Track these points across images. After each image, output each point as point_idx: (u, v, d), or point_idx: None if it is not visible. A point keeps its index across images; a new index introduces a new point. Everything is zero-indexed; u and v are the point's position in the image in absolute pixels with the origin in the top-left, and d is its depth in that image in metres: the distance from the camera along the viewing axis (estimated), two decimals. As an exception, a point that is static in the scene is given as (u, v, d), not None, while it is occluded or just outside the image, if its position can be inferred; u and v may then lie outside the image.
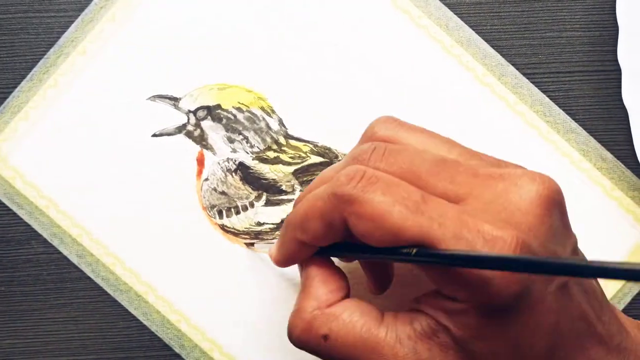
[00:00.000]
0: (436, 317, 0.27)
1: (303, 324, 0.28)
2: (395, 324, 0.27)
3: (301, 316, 0.28)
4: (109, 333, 0.38)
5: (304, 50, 0.38)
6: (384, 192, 0.26)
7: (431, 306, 0.27)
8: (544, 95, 0.38)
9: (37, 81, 0.38)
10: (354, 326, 0.27)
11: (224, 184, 0.38)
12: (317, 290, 0.29)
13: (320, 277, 0.29)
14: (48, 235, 0.38)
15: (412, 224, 0.25)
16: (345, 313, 0.28)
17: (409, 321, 0.27)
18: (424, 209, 0.25)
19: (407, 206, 0.25)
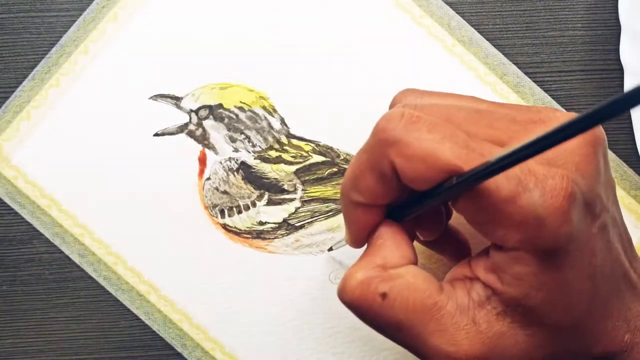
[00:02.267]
0: (488, 281, 0.26)
1: (362, 277, 0.26)
2: (455, 294, 0.26)
3: (361, 270, 0.26)
4: (111, 332, 0.38)
5: (305, 50, 0.38)
6: (429, 130, 0.25)
7: (484, 269, 0.26)
8: (546, 94, 0.38)
9: (39, 81, 0.38)
10: (416, 289, 0.26)
11: (226, 184, 0.38)
12: (387, 250, 0.27)
13: (392, 240, 0.27)
14: (50, 234, 0.38)
15: (465, 160, 0.24)
16: (409, 275, 0.26)
17: (467, 291, 0.26)
18: (473, 145, 0.24)
19: (457, 142, 0.24)
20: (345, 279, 0.27)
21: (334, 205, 0.38)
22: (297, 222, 0.38)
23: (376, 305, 0.26)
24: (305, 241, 0.38)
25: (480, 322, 0.26)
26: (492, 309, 0.26)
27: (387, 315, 0.26)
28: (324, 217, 0.38)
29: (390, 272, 0.26)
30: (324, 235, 0.38)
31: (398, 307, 0.26)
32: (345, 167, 0.38)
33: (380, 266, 0.27)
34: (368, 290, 0.26)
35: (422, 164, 0.24)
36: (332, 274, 0.38)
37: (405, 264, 0.27)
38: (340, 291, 0.27)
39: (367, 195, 0.27)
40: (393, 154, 0.25)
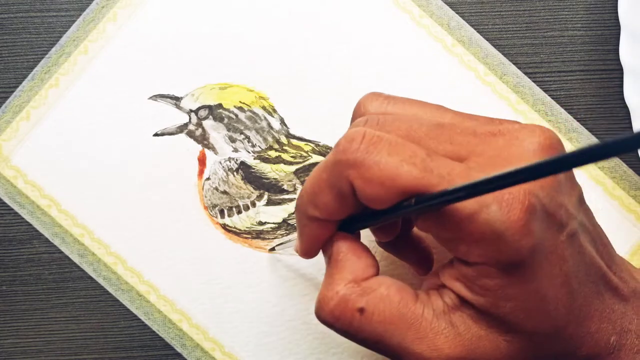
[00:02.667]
0: (456, 289, 0.26)
1: (338, 296, 0.27)
2: (430, 300, 0.27)
3: (335, 288, 0.27)
4: (111, 332, 0.38)
5: (305, 50, 0.38)
6: (389, 152, 0.25)
7: (450, 278, 0.26)
8: (545, 94, 0.38)
9: (38, 81, 0.38)
10: (391, 301, 0.26)
11: (226, 184, 0.38)
12: (352, 264, 0.27)
13: (353, 252, 0.28)
14: (49, 234, 0.38)
15: (422, 183, 0.24)
16: (382, 287, 0.27)
17: (440, 296, 0.27)
18: (432, 166, 0.25)
19: (415, 164, 0.25)
20: (320, 300, 0.27)
21: (334, 206, 0.38)
22: (296, 222, 0.38)
23: (355, 321, 0.26)
24: (304, 241, 0.38)
25: (458, 325, 0.26)
26: (466, 310, 0.26)
27: (367, 330, 0.26)
28: (324, 217, 0.38)
29: (363, 285, 0.27)
30: (323, 236, 0.38)
31: (376, 320, 0.26)
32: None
33: (352, 281, 0.27)
34: (346, 307, 0.26)
35: (380, 186, 0.25)
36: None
37: (373, 274, 0.27)
38: (318, 311, 0.27)
39: (323, 211, 0.27)
40: (352, 175, 0.25)
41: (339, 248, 0.28)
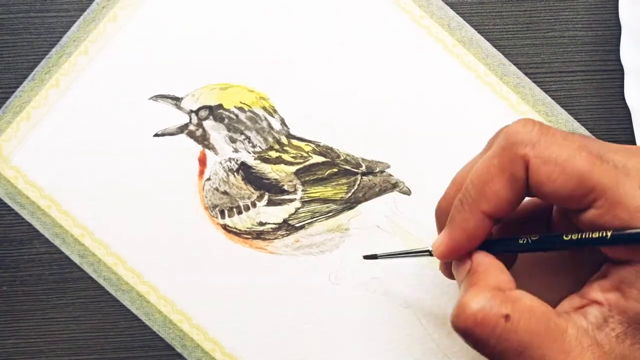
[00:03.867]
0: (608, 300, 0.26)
1: (482, 301, 0.26)
2: (572, 318, 0.26)
3: (479, 294, 0.26)
4: (111, 333, 0.38)
5: (305, 50, 0.38)
6: (564, 137, 0.25)
7: (602, 290, 0.26)
8: (546, 94, 0.38)
9: (39, 81, 0.38)
10: (537, 311, 0.26)
11: (226, 184, 0.38)
12: (495, 275, 0.27)
13: (495, 266, 0.28)
14: (50, 235, 0.38)
15: (600, 170, 0.24)
16: (526, 298, 0.26)
17: (583, 314, 0.26)
18: (607, 158, 0.25)
19: (591, 153, 0.25)
20: (462, 305, 0.26)
21: (334, 206, 0.38)
22: (297, 222, 0.38)
23: (499, 328, 0.25)
24: (305, 242, 0.38)
25: (603, 344, 0.25)
26: (611, 331, 0.26)
27: (511, 338, 0.25)
28: (324, 218, 0.38)
29: (508, 293, 0.26)
30: (324, 236, 0.38)
31: (522, 329, 0.25)
32: (345, 167, 0.38)
33: (496, 288, 0.26)
34: (490, 312, 0.26)
35: (557, 167, 0.25)
36: (332, 274, 0.38)
37: (514, 288, 0.27)
38: (458, 317, 0.26)
39: (493, 202, 0.27)
40: (530, 154, 0.25)
41: (480, 260, 0.28)
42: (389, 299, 0.37)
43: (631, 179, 0.24)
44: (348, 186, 0.38)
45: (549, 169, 0.25)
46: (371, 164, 0.38)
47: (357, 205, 0.38)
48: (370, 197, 0.38)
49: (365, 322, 0.38)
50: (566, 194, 0.25)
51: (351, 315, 0.38)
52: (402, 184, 0.38)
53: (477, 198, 0.27)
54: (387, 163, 0.38)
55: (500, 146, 0.26)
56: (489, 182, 0.27)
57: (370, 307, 0.38)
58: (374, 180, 0.38)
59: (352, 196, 0.38)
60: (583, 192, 0.25)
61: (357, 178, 0.38)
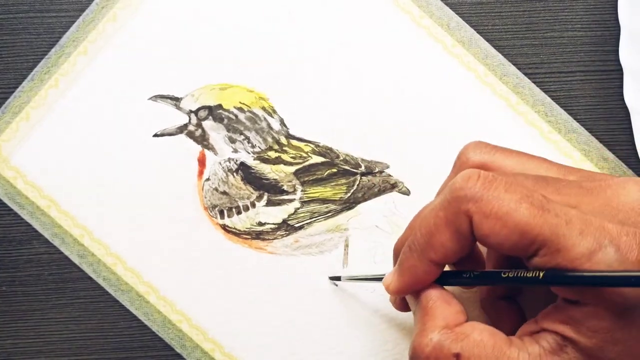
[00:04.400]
0: (562, 331, 0.26)
1: (432, 343, 0.27)
2: (524, 345, 0.27)
3: (429, 335, 0.28)
4: (110, 333, 0.38)
5: (305, 50, 0.38)
6: (506, 190, 0.26)
7: (555, 321, 0.27)
8: (545, 95, 0.38)
9: (38, 81, 0.38)
10: (486, 346, 0.27)
11: (225, 184, 0.38)
12: (442, 310, 0.28)
13: (443, 299, 0.29)
14: (49, 235, 0.38)
15: (540, 221, 0.25)
16: (475, 332, 0.27)
17: (536, 341, 0.27)
18: (549, 207, 0.25)
19: (533, 203, 0.25)
20: (415, 348, 0.28)
21: (333, 206, 0.38)
22: (296, 222, 0.38)
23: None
24: (304, 242, 0.38)
25: None
26: (566, 355, 0.26)
27: None
28: (323, 218, 0.38)
29: (456, 331, 0.27)
30: (323, 236, 0.38)
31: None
32: (345, 167, 0.38)
33: (445, 327, 0.28)
34: (442, 354, 0.27)
35: (498, 221, 0.26)
36: (332, 274, 0.38)
37: (463, 320, 0.28)
38: (415, 356, 0.28)
39: (439, 252, 0.28)
40: (472, 209, 0.26)
41: (429, 295, 0.29)
42: (388, 299, 0.37)
43: (571, 226, 0.25)
44: (347, 186, 0.38)
45: (491, 223, 0.26)
46: (370, 164, 0.38)
47: (356, 205, 0.38)
48: (370, 197, 0.38)
49: (365, 322, 0.38)
50: (510, 246, 0.26)
51: (351, 315, 0.38)
52: (401, 184, 0.38)
53: (424, 247, 0.28)
54: (387, 163, 0.38)
55: (445, 199, 0.27)
56: (435, 233, 0.28)
57: (370, 307, 0.38)
58: (373, 180, 0.38)
59: (352, 196, 0.38)
60: (526, 243, 0.25)
61: (357, 178, 0.38)
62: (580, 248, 0.25)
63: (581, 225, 0.25)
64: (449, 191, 0.27)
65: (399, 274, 0.30)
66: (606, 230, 0.25)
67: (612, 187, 0.27)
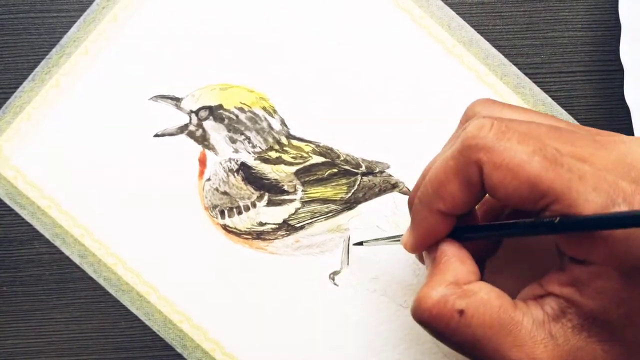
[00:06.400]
0: (565, 294, 0.26)
1: (438, 295, 0.26)
2: (529, 310, 0.26)
3: (436, 287, 0.27)
4: (111, 333, 0.38)
5: (305, 50, 0.38)
6: (519, 141, 0.25)
7: (559, 284, 0.26)
8: (546, 95, 0.38)
9: (39, 81, 0.38)
10: (492, 305, 0.26)
11: (226, 184, 0.38)
12: (454, 267, 0.27)
13: (457, 257, 0.28)
14: (50, 235, 0.38)
15: (552, 175, 0.24)
16: (482, 292, 0.27)
17: (540, 306, 0.26)
18: (562, 161, 0.25)
19: (546, 157, 0.25)
20: (419, 299, 0.27)
21: (334, 206, 0.38)
22: (297, 222, 0.38)
23: (454, 322, 0.26)
24: (305, 242, 0.38)
25: (557, 336, 0.26)
26: (568, 322, 0.26)
27: (465, 332, 0.26)
28: (324, 218, 0.38)
29: (464, 288, 0.27)
30: (324, 236, 0.38)
31: (475, 324, 0.26)
32: (345, 167, 0.38)
33: (453, 283, 0.27)
34: (445, 307, 0.26)
35: (509, 173, 0.25)
36: (332, 274, 0.38)
37: (475, 280, 0.27)
38: (416, 310, 0.27)
39: (449, 202, 0.27)
40: (483, 159, 0.25)
41: (444, 251, 0.28)
42: (389, 299, 0.37)
43: (584, 182, 0.24)
44: (348, 186, 0.38)
45: (501, 174, 0.25)
46: (371, 164, 0.38)
47: (357, 205, 0.38)
48: (370, 197, 0.38)
49: (365, 322, 0.38)
50: (519, 199, 0.25)
51: (351, 315, 0.38)
52: (401, 184, 0.38)
53: (433, 198, 0.27)
54: (387, 163, 0.38)
55: (456, 148, 0.27)
56: (445, 183, 0.27)
57: (370, 307, 0.38)
58: (374, 180, 0.38)
59: (352, 196, 0.38)
60: (536, 197, 0.25)
61: (357, 178, 0.38)
62: (593, 204, 0.24)
63: (595, 181, 0.24)
64: (461, 139, 0.26)
65: (412, 228, 0.29)
66: (620, 188, 0.24)
67: (626, 143, 0.27)
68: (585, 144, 0.26)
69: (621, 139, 0.27)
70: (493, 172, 0.25)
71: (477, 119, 0.27)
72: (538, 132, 0.27)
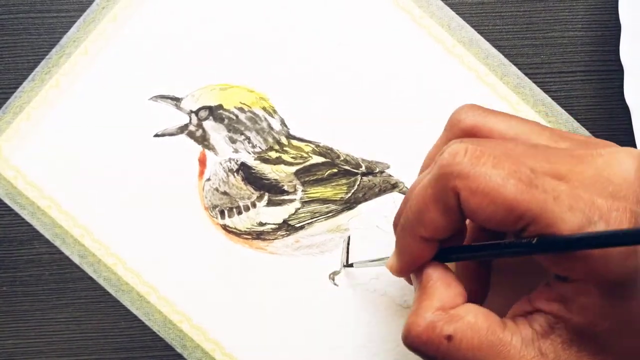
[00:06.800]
0: (553, 310, 0.26)
1: (425, 322, 0.27)
2: (518, 328, 0.27)
3: (423, 314, 0.27)
4: (111, 333, 0.38)
5: (305, 50, 0.38)
6: (493, 165, 0.25)
7: (545, 299, 0.26)
8: (546, 95, 0.38)
9: (39, 81, 0.38)
10: (480, 328, 0.27)
11: (226, 184, 0.38)
12: (440, 292, 0.28)
13: (443, 281, 0.28)
14: (50, 235, 0.38)
15: (528, 197, 0.25)
16: (470, 315, 0.27)
17: (529, 323, 0.27)
18: (537, 182, 0.25)
19: (521, 179, 0.25)
20: (408, 325, 0.28)
21: (334, 206, 0.38)
22: (297, 223, 0.38)
23: (443, 347, 0.27)
24: (305, 242, 0.38)
25: (547, 352, 0.26)
26: (557, 337, 0.26)
27: (456, 356, 0.27)
28: (324, 218, 0.38)
29: (451, 313, 0.27)
30: (324, 236, 0.38)
31: (465, 347, 0.26)
32: (345, 167, 0.38)
33: (440, 308, 0.27)
34: (433, 334, 0.27)
35: (485, 198, 0.25)
36: (332, 274, 0.38)
37: (461, 303, 0.28)
38: (406, 337, 0.28)
39: (430, 228, 0.28)
40: (459, 186, 0.26)
41: (429, 276, 0.29)
42: (389, 299, 0.37)
43: (559, 202, 0.25)
44: (348, 186, 0.38)
45: (478, 199, 0.25)
46: (371, 165, 0.38)
47: (357, 205, 0.38)
48: (370, 197, 0.38)
49: (365, 322, 0.38)
50: (497, 222, 0.26)
51: (351, 315, 0.38)
52: (401, 184, 0.38)
53: (415, 225, 0.28)
54: (387, 163, 0.38)
55: (433, 176, 0.27)
56: (425, 211, 0.27)
57: (370, 307, 0.38)
58: (374, 180, 0.38)
59: (352, 196, 0.38)
60: (513, 219, 0.25)
61: (357, 178, 0.38)
62: (570, 224, 0.24)
63: (570, 200, 0.25)
64: (437, 167, 0.27)
65: (397, 254, 0.30)
66: (596, 206, 0.25)
67: (603, 156, 0.27)
68: (562, 161, 0.27)
69: (599, 152, 0.27)
70: (470, 197, 0.26)
71: (452, 144, 0.27)
72: (514, 152, 0.27)
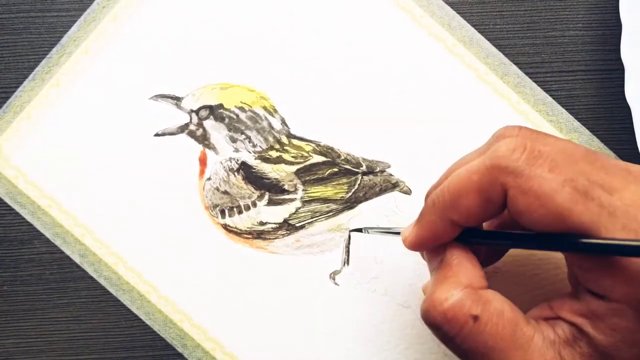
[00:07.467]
0: (579, 324, 0.25)
1: (454, 299, 0.26)
2: (540, 328, 0.26)
3: (450, 290, 0.26)
4: (112, 332, 0.38)
5: (306, 50, 0.38)
6: (550, 169, 0.24)
7: (571, 312, 0.26)
8: (546, 94, 0.38)
9: (39, 81, 0.38)
10: (506, 316, 0.26)
11: (227, 184, 0.38)
12: (467, 270, 0.27)
13: (469, 260, 0.27)
14: (50, 234, 0.38)
15: (582, 208, 0.24)
16: (497, 301, 0.26)
17: (552, 326, 0.26)
18: (592, 194, 0.24)
19: (576, 188, 0.24)
20: (432, 300, 0.26)
21: (335, 206, 0.38)
22: (297, 222, 0.38)
23: (467, 327, 0.26)
24: (305, 241, 0.38)
25: (566, 359, 0.25)
26: (578, 348, 0.25)
27: (477, 340, 0.26)
28: (325, 218, 0.38)
29: (480, 293, 0.26)
30: (324, 236, 0.38)
31: (488, 332, 0.25)
32: (346, 167, 0.38)
33: (469, 286, 0.26)
34: (461, 311, 0.26)
35: (537, 200, 0.24)
36: (332, 274, 0.38)
37: (486, 286, 0.27)
38: (429, 312, 0.26)
39: (462, 214, 0.27)
40: (510, 183, 0.25)
41: (454, 253, 0.28)
42: (389, 299, 0.37)
43: (614, 220, 0.24)
44: (348, 186, 0.38)
45: (528, 200, 0.25)
46: (372, 164, 0.38)
47: (357, 204, 0.38)
48: (371, 196, 0.38)
49: (365, 322, 0.38)
50: (543, 226, 0.25)
51: (351, 315, 0.38)
52: (402, 183, 0.38)
53: (448, 207, 0.27)
54: (388, 163, 0.38)
55: (484, 164, 0.26)
56: (464, 195, 0.26)
57: (370, 307, 0.38)
58: (375, 179, 0.38)
59: (353, 196, 0.38)
60: (562, 227, 0.24)
61: (358, 178, 0.38)
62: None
63: (625, 219, 0.24)
64: (490, 157, 0.25)
65: (418, 227, 0.28)
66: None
67: None
68: (619, 174, 0.26)
69: None
70: (520, 197, 0.25)
71: (511, 138, 0.26)
72: (573, 154, 0.26)
